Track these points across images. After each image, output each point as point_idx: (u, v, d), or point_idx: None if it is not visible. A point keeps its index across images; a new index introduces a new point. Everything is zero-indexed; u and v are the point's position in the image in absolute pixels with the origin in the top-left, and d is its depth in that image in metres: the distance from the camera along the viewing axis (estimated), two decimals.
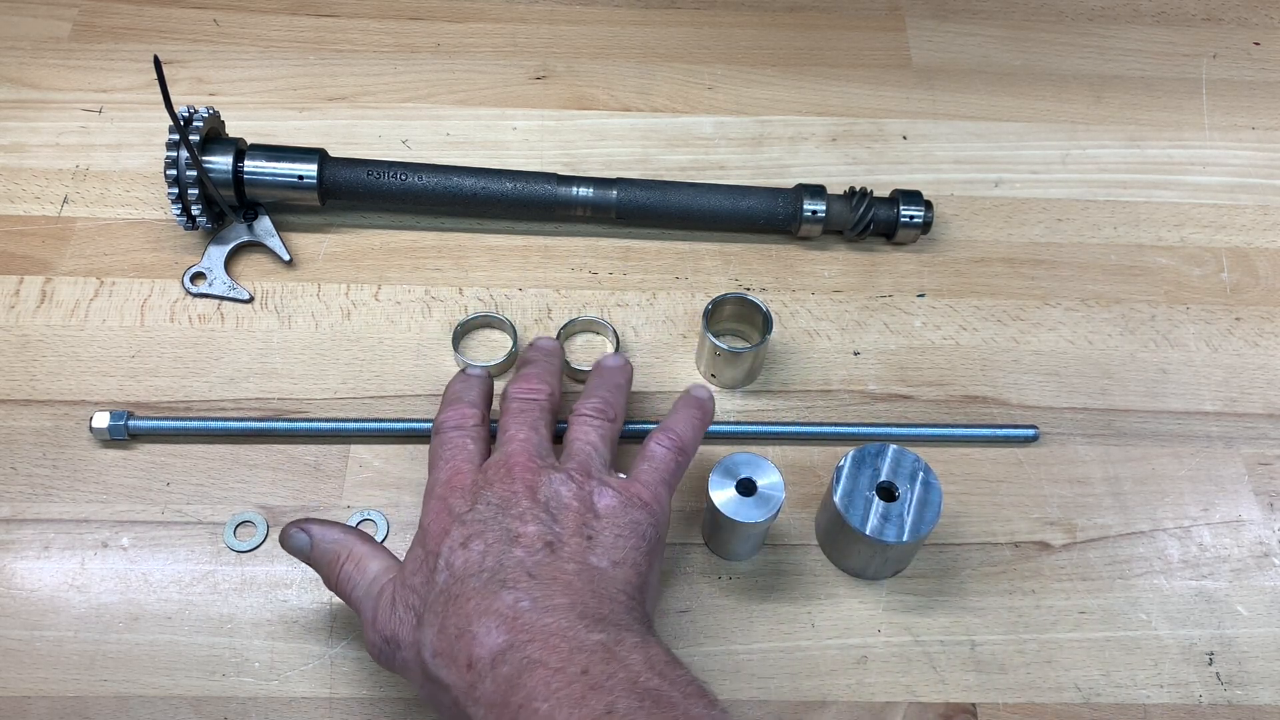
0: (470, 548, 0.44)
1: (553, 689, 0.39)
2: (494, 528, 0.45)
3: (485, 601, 0.42)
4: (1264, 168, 0.75)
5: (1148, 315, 0.67)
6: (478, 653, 0.41)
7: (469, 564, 0.44)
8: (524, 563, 0.43)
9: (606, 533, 0.46)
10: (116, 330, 0.63)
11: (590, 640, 0.40)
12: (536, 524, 0.45)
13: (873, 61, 0.80)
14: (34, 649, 0.52)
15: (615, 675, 0.39)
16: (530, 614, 0.41)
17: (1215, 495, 0.60)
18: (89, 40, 0.77)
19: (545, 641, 0.40)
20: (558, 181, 0.67)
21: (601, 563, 0.45)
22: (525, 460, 0.48)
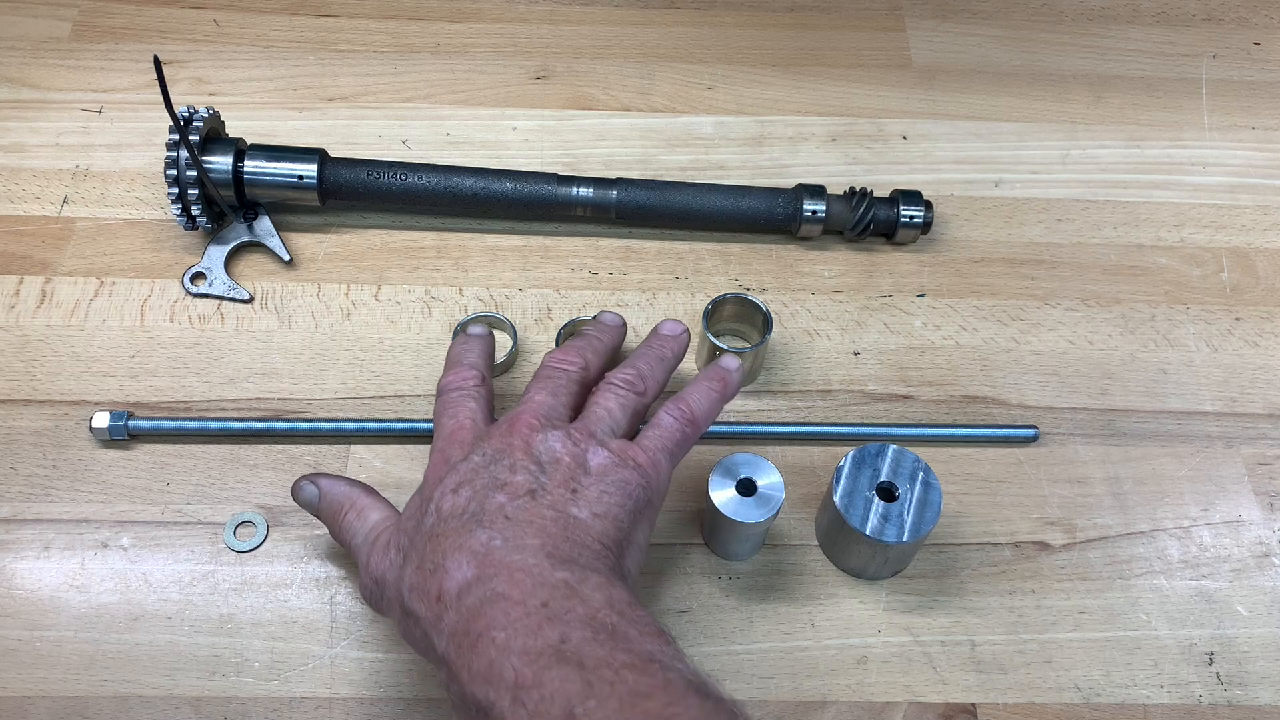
0: (459, 494, 0.45)
1: (511, 619, 0.39)
2: (483, 475, 0.46)
3: (460, 539, 0.43)
4: (1264, 168, 0.75)
5: (1148, 315, 0.67)
6: (446, 585, 0.42)
7: (454, 508, 0.45)
8: (504, 507, 0.44)
9: (592, 488, 0.46)
10: (116, 330, 0.63)
11: (555, 577, 0.41)
12: (525, 474, 0.46)
13: (873, 61, 0.80)
14: (34, 649, 0.52)
15: (574, 610, 0.40)
16: (500, 551, 0.42)
17: (1215, 495, 0.60)
18: (89, 40, 0.77)
19: (511, 576, 0.41)
20: (558, 181, 0.67)
21: (581, 513, 0.45)
22: (529, 419, 0.48)
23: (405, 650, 0.53)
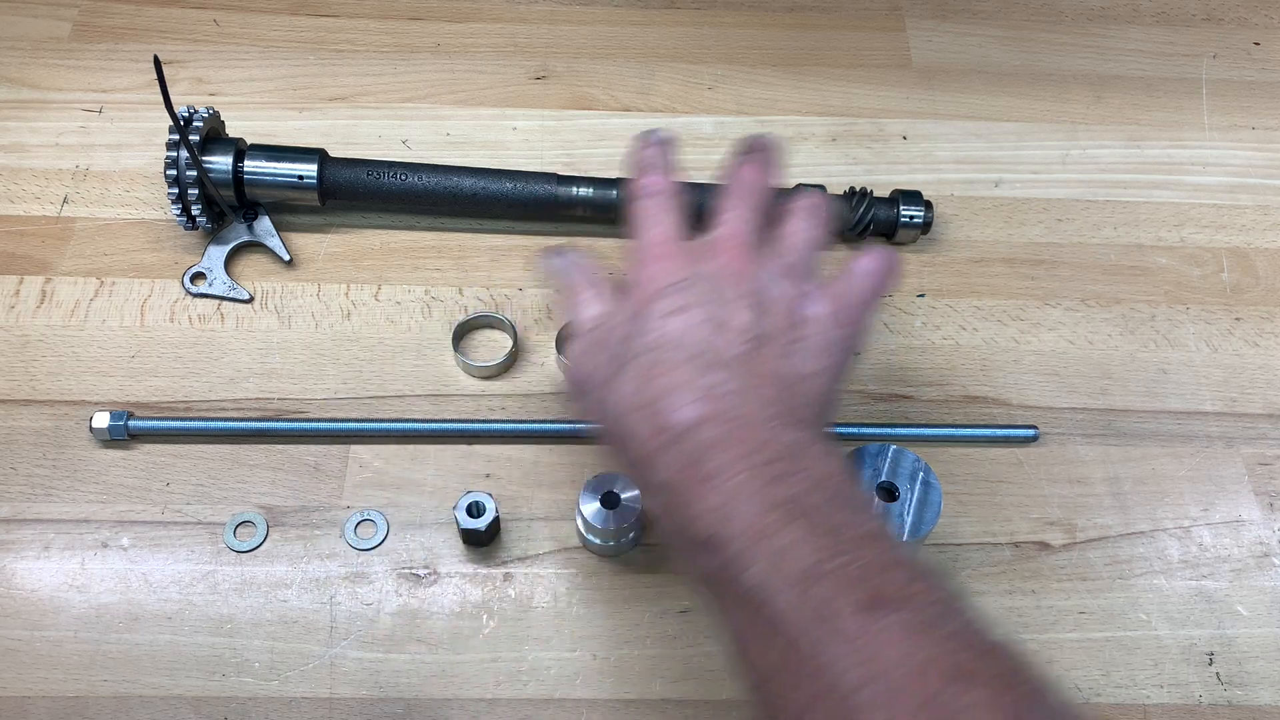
0: (680, 318, 0.45)
1: (741, 468, 0.40)
2: (706, 306, 0.46)
3: (688, 376, 0.43)
4: (1264, 168, 0.75)
5: (1148, 315, 0.67)
6: (673, 419, 0.42)
7: (676, 333, 0.45)
8: (733, 350, 0.44)
9: (811, 341, 0.46)
10: (116, 330, 0.63)
11: (785, 437, 0.42)
12: (748, 314, 0.46)
13: (873, 61, 0.80)
14: (34, 649, 0.52)
15: (804, 472, 0.40)
16: (730, 398, 0.42)
17: (1215, 495, 0.60)
18: (89, 40, 0.77)
19: (740, 426, 0.41)
20: (558, 181, 0.67)
21: (802, 369, 0.45)
22: (742, 248, 0.48)
23: (405, 650, 0.53)
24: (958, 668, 0.33)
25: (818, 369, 0.46)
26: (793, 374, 0.45)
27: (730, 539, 0.39)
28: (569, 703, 0.52)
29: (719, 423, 0.41)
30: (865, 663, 0.34)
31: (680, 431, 0.41)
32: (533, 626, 0.54)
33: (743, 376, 0.43)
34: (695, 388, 0.43)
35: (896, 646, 0.34)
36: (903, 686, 0.33)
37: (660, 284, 0.47)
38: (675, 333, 0.45)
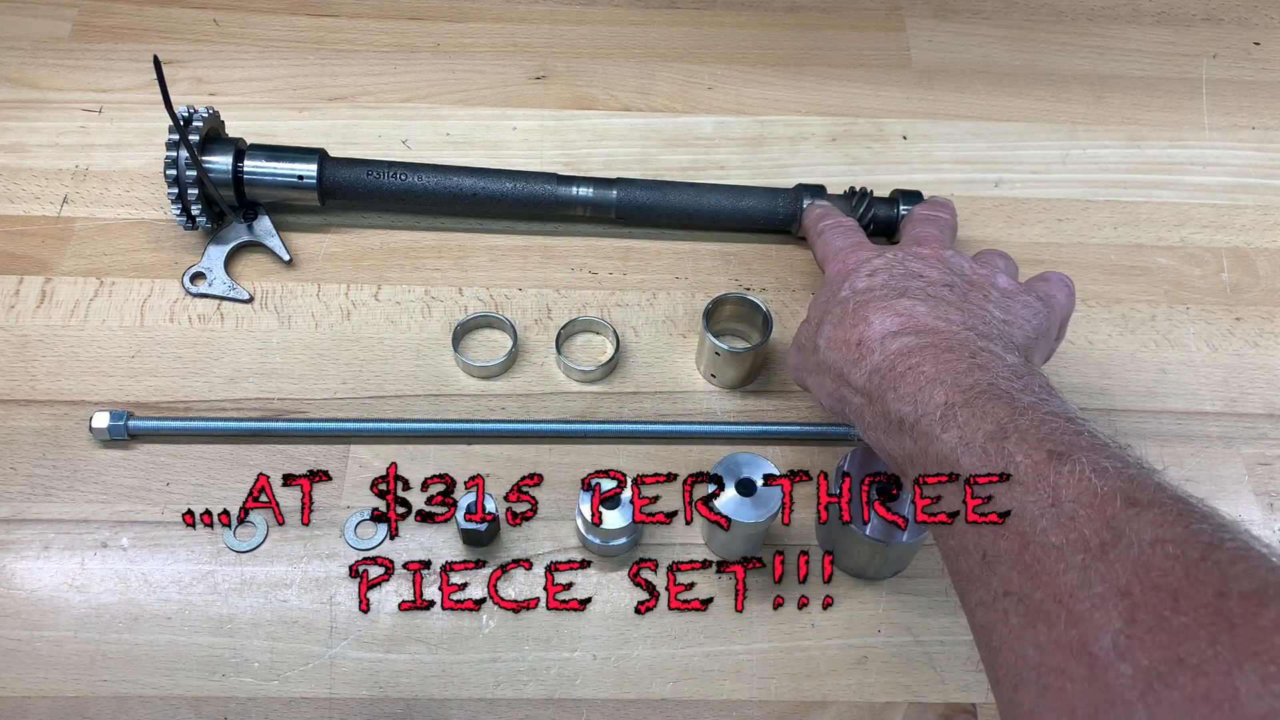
0: (874, 277, 0.50)
1: (941, 361, 0.43)
2: (899, 269, 0.51)
3: (885, 302, 0.48)
4: (1264, 168, 0.75)
5: (1148, 315, 0.67)
6: (868, 333, 0.47)
7: (872, 286, 0.50)
8: (925, 289, 0.49)
9: (1002, 301, 0.50)
10: (116, 330, 0.63)
11: (980, 344, 0.45)
12: (939, 272, 0.50)
13: (873, 61, 0.80)
14: (34, 649, 0.52)
15: (1000, 370, 0.43)
16: (925, 316, 0.47)
17: (1215, 495, 0.60)
18: (89, 40, 0.77)
19: (936, 333, 0.45)
20: (558, 181, 0.67)
21: (995, 314, 0.49)
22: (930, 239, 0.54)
23: (405, 650, 0.53)
24: (1131, 498, 0.35)
25: (1011, 319, 0.49)
26: (986, 314, 0.48)
27: (924, 415, 0.42)
28: (569, 703, 0.52)
29: (913, 333, 0.46)
30: (1045, 501, 0.37)
31: (876, 340, 0.46)
32: (533, 626, 0.54)
33: (933, 303, 0.47)
34: (890, 309, 0.47)
35: (1073, 485, 0.36)
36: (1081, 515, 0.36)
37: (853, 263, 0.52)
38: (870, 286, 0.49)
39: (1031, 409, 0.40)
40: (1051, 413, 0.40)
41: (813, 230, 0.61)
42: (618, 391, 0.62)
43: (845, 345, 0.47)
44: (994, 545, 0.38)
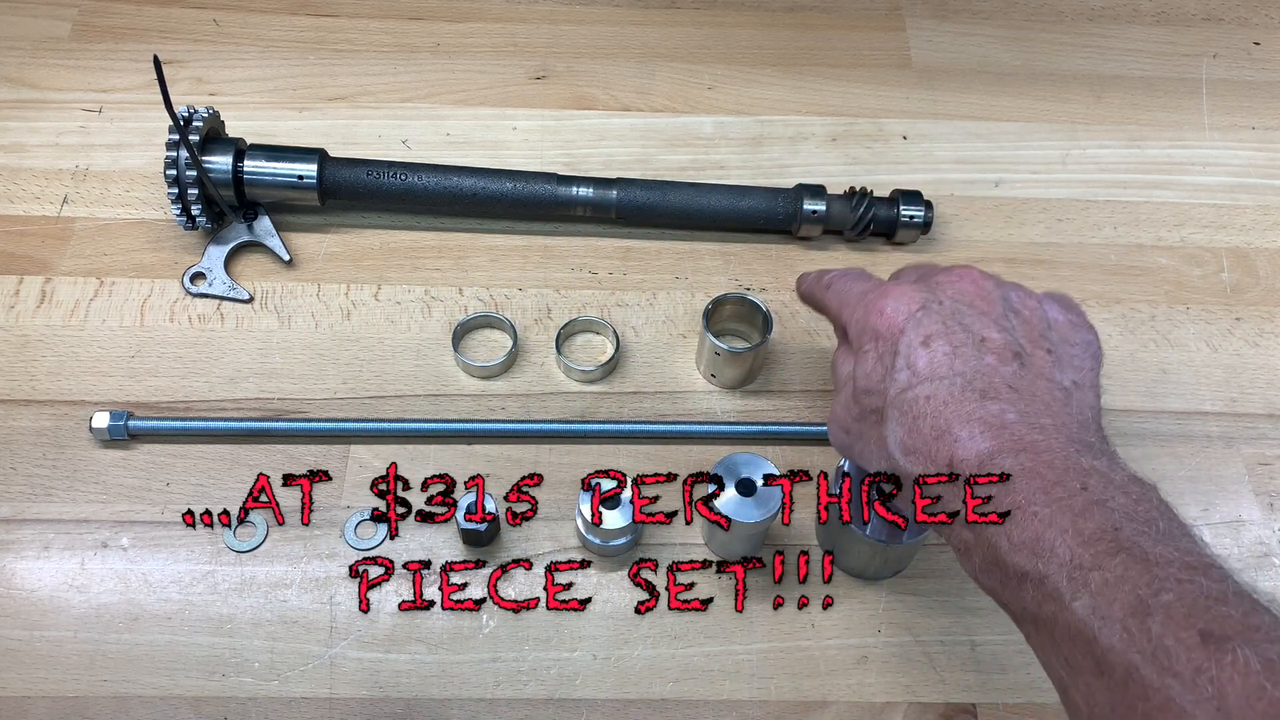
0: (933, 347, 0.43)
1: (1052, 497, 0.38)
2: (955, 329, 0.44)
3: (966, 407, 0.41)
4: (1264, 168, 0.75)
5: (1148, 315, 0.67)
6: (960, 454, 0.40)
7: (935, 364, 0.43)
8: (1000, 372, 0.42)
9: (1064, 349, 0.45)
10: (116, 330, 0.63)
11: (1084, 463, 0.39)
12: (998, 330, 0.44)
13: (873, 61, 0.80)
14: (34, 649, 0.52)
15: (1115, 499, 0.38)
16: (1018, 426, 0.41)
17: (1215, 495, 0.60)
18: (89, 40, 0.77)
19: (1037, 455, 0.39)
20: (558, 181, 0.67)
21: (1066, 382, 0.44)
22: (967, 271, 0.47)
23: (405, 650, 0.53)
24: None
25: (1080, 381, 0.45)
26: (1064, 391, 0.43)
27: (1049, 574, 0.37)
28: (569, 703, 0.52)
29: (1013, 453, 0.40)
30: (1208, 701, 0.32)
31: (974, 464, 0.40)
32: (533, 626, 0.54)
33: (1020, 401, 0.42)
34: (978, 420, 0.41)
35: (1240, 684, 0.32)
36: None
37: (901, 317, 0.45)
38: (932, 364, 0.43)
39: (1165, 563, 0.35)
40: (1188, 565, 0.36)
41: (818, 288, 0.54)
42: (618, 391, 0.62)
43: (931, 462, 0.42)
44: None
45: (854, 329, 0.48)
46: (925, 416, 0.42)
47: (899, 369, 0.44)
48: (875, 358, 0.45)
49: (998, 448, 0.40)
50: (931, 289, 0.46)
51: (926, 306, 0.45)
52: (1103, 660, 0.35)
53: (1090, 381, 0.45)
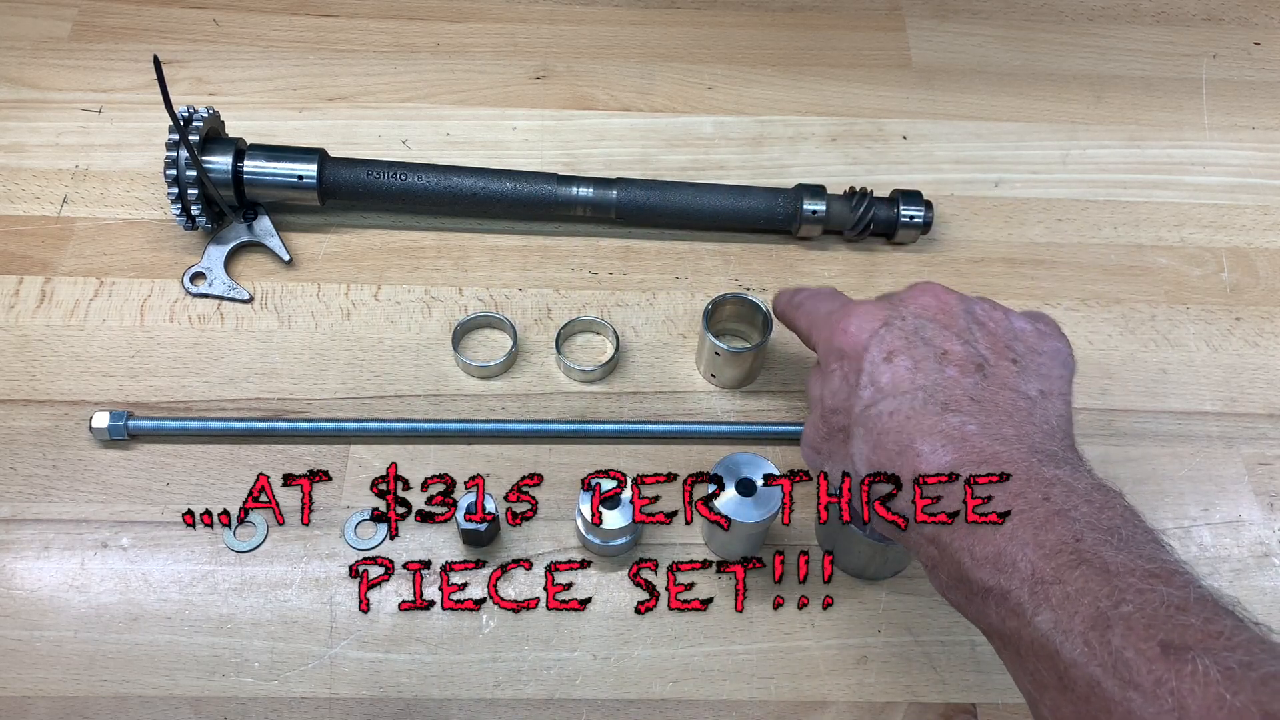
0: (895, 362, 0.44)
1: (1016, 509, 0.38)
2: (917, 343, 0.44)
3: (928, 421, 0.41)
4: (1264, 168, 0.75)
5: (1148, 315, 0.67)
6: (923, 469, 0.41)
7: (898, 380, 0.43)
8: (960, 384, 0.43)
9: (1030, 359, 0.45)
10: (116, 330, 0.63)
11: (1046, 473, 0.39)
12: (960, 343, 0.44)
13: (873, 61, 0.80)
14: (34, 649, 0.52)
15: (1078, 508, 0.38)
16: (979, 438, 0.41)
17: (1215, 495, 0.60)
18: (89, 40, 0.77)
19: (998, 467, 0.40)
20: (558, 181, 0.67)
21: (1032, 391, 0.44)
22: (931, 286, 0.47)
23: (405, 650, 0.53)
24: (1271, 714, 0.31)
25: (1047, 389, 0.44)
26: (1028, 401, 0.43)
27: (1011, 589, 0.37)
28: (569, 703, 0.52)
29: (974, 466, 0.40)
30: (1169, 714, 0.32)
31: None
32: (533, 626, 0.54)
33: (981, 413, 0.42)
34: (939, 433, 0.41)
35: (1201, 696, 0.32)
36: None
37: (865, 335, 0.45)
38: (895, 381, 0.43)
39: (1126, 572, 0.35)
40: (1150, 574, 0.36)
41: (789, 309, 0.55)
42: (618, 391, 0.62)
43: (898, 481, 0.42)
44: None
45: (821, 349, 0.48)
46: (889, 432, 0.42)
47: (863, 386, 0.44)
48: (841, 377, 0.46)
49: (959, 460, 0.40)
50: (894, 306, 0.47)
51: (889, 323, 0.45)
52: (1066, 675, 0.35)
53: (1059, 390, 0.45)
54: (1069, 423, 0.44)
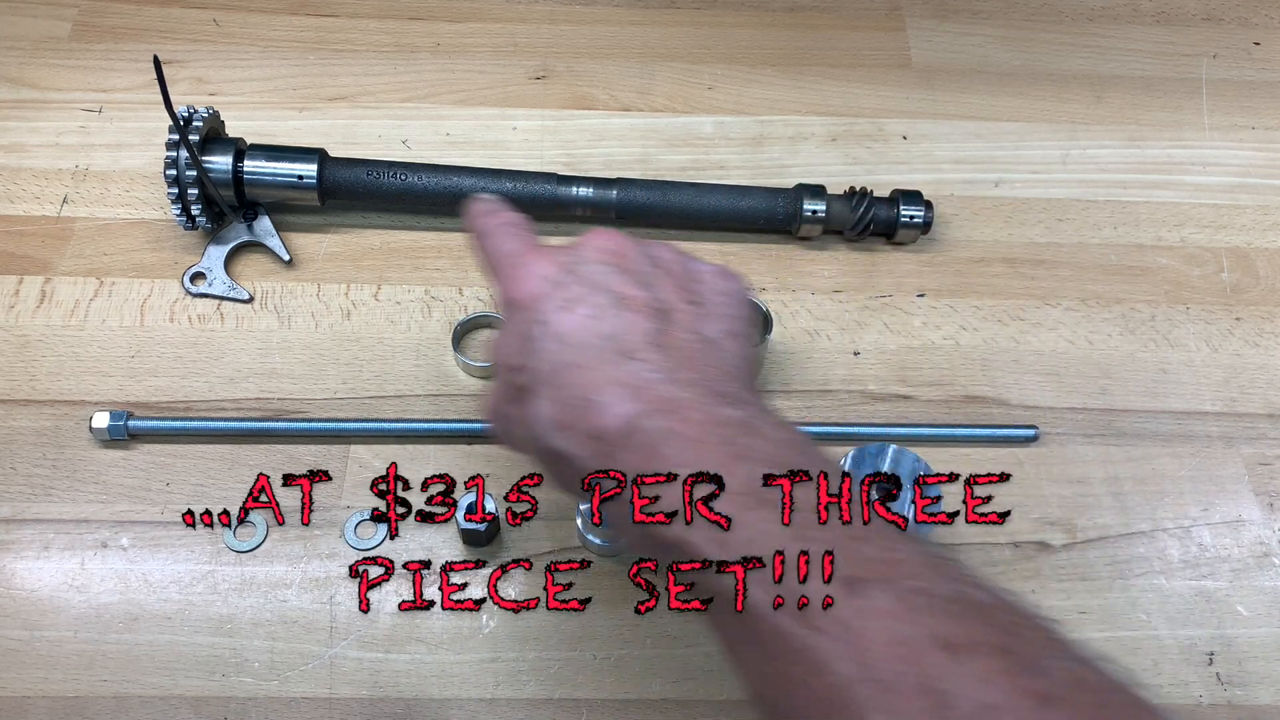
0: (575, 311, 0.41)
1: (696, 456, 0.37)
2: (596, 290, 0.42)
3: (608, 371, 0.39)
4: (1264, 168, 0.75)
5: (1148, 315, 0.67)
6: (605, 423, 0.38)
7: (578, 329, 0.40)
8: (642, 328, 0.41)
9: (711, 300, 0.44)
10: (116, 330, 0.63)
11: (725, 414, 0.38)
12: (640, 288, 0.42)
13: (873, 61, 0.80)
14: (34, 649, 0.52)
15: (756, 447, 0.37)
16: (660, 385, 0.39)
17: (1215, 495, 0.60)
18: (89, 40, 0.77)
19: (679, 413, 0.38)
20: (558, 181, 0.67)
21: (714, 333, 0.42)
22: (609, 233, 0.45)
23: (405, 650, 0.53)
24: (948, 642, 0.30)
25: (728, 329, 0.43)
26: (710, 344, 0.42)
27: (694, 540, 0.36)
28: (569, 703, 0.52)
29: (654, 414, 0.38)
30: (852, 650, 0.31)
31: (618, 433, 0.38)
32: (533, 626, 0.54)
33: (662, 358, 0.40)
34: (619, 382, 0.39)
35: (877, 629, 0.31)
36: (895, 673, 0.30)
37: (544, 285, 0.42)
38: (576, 330, 0.40)
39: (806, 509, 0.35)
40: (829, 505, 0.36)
41: (475, 229, 0.49)
42: None
43: (577, 436, 0.39)
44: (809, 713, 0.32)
45: (499, 300, 0.45)
46: (570, 386, 0.39)
47: (542, 338, 0.41)
48: (516, 331, 0.43)
49: (641, 410, 0.38)
50: (572, 252, 0.44)
51: (567, 268, 0.43)
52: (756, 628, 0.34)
53: (739, 330, 0.44)
54: (749, 362, 0.43)
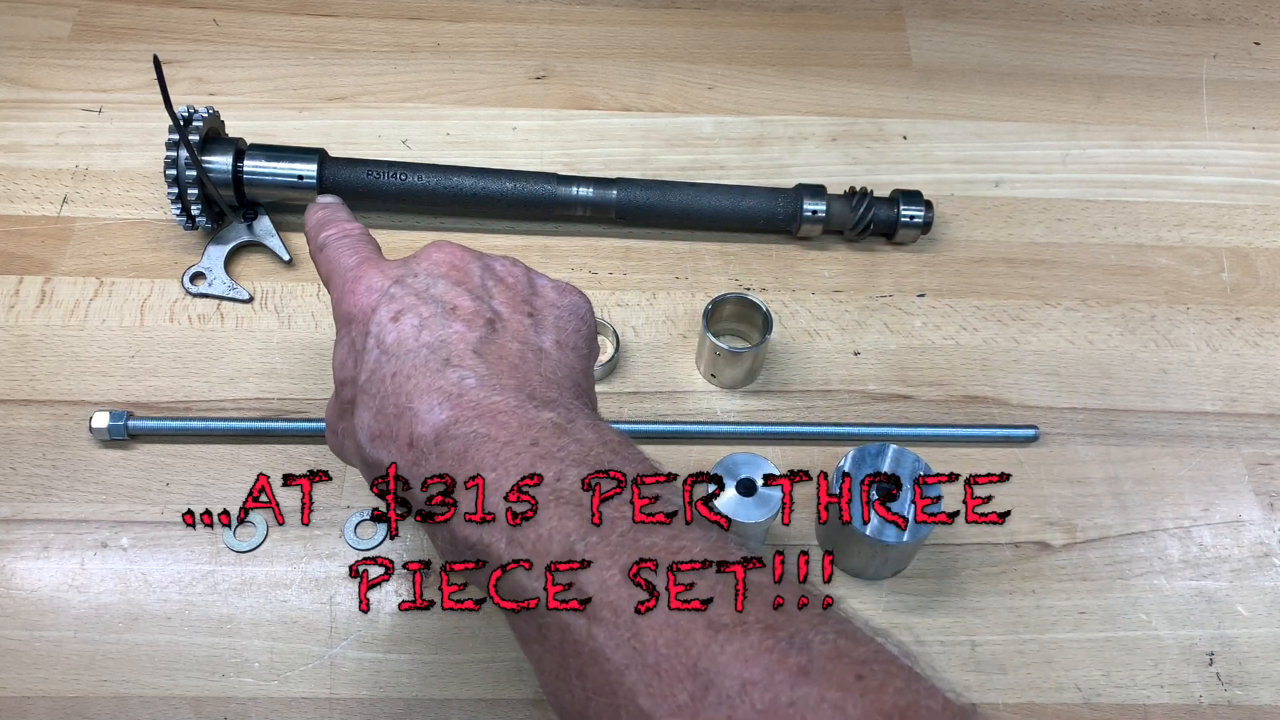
0: (402, 322, 0.41)
1: (501, 459, 0.37)
2: (427, 301, 0.42)
3: (427, 379, 0.39)
4: (1264, 168, 0.75)
5: (1148, 315, 0.67)
6: (419, 430, 0.38)
7: (403, 339, 0.40)
8: (466, 338, 0.40)
9: (548, 312, 0.43)
10: (116, 330, 0.63)
11: (540, 418, 0.38)
12: (471, 298, 0.42)
13: (873, 61, 0.80)
14: (34, 649, 0.52)
15: (566, 448, 0.37)
16: (477, 391, 0.38)
17: (1215, 495, 0.60)
18: (89, 40, 0.77)
19: (493, 418, 0.37)
20: (558, 181, 0.67)
21: (546, 343, 0.42)
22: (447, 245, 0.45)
23: (405, 650, 0.53)
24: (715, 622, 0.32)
25: (562, 341, 0.43)
26: (539, 352, 0.41)
27: (492, 540, 0.36)
28: None
29: (469, 420, 0.37)
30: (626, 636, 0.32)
31: (431, 440, 0.38)
32: None
33: (486, 366, 0.39)
34: (436, 390, 0.38)
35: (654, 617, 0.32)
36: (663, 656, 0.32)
37: (374, 297, 0.42)
38: (400, 339, 0.40)
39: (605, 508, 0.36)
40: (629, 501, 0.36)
41: (313, 240, 0.48)
42: (618, 391, 0.62)
43: (394, 444, 0.39)
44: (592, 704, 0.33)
45: (334, 312, 0.45)
46: (389, 395, 0.39)
47: (369, 350, 0.41)
48: (348, 345, 0.43)
49: (455, 417, 0.38)
50: (406, 264, 0.44)
51: (400, 280, 0.43)
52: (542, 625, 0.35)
53: (573, 343, 0.43)
54: (581, 374, 0.43)
